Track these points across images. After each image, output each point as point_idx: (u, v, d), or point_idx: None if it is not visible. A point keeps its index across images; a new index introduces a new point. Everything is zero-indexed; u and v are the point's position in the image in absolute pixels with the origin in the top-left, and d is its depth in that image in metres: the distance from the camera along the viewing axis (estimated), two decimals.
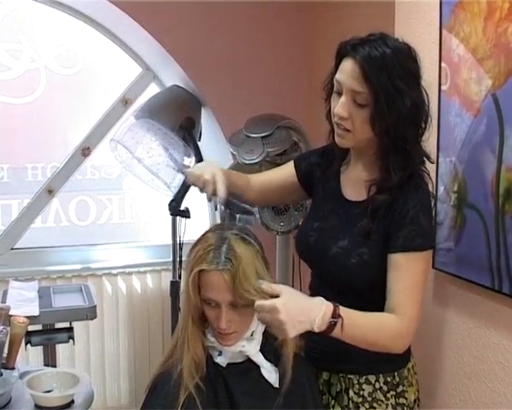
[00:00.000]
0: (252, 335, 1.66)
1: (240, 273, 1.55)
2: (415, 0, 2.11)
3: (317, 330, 1.51)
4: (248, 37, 3.15)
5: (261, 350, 1.68)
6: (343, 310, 1.55)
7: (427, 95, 1.72)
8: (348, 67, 1.66)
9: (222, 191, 1.70)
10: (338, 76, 1.69)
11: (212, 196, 1.73)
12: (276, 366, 1.68)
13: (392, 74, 1.62)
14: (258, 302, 1.50)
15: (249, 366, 1.66)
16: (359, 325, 1.59)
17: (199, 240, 1.65)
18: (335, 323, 1.53)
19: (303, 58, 3.23)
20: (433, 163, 1.83)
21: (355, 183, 1.80)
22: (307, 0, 3.16)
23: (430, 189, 1.76)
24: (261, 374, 1.66)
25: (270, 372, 1.66)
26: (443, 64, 1.97)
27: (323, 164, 1.91)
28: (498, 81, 1.75)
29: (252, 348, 1.65)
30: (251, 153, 2.59)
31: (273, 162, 2.75)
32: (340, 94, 1.68)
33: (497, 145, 1.76)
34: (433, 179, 1.87)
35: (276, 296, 1.51)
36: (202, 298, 1.61)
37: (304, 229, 1.89)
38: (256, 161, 2.59)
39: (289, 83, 3.21)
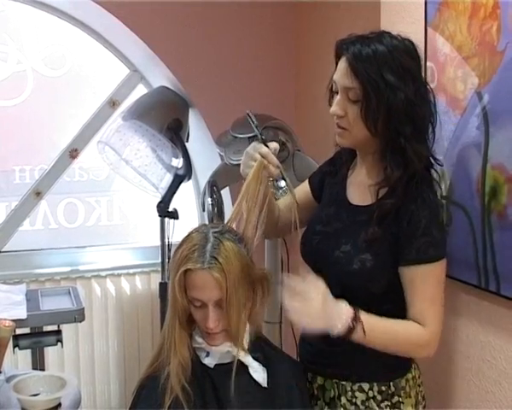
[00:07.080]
0: None
1: (226, 270, 1.54)
2: None
3: (335, 334, 1.58)
4: (235, 38, 3.14)
5: (249, 350, 1.67)
6: (364, 315, 1.60)
7: (434, 94, 1.70)
8: (341, 65, 1.66)
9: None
10: (334, 76, 1.70)
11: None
12: (264, 366, 1.67)
13: (382, 68, 1.60)
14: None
15: (237, 365, 1.64)
16: (382, 332, 1.63)
17: (183, 241, 1.64)
18: (354, 327, 1.57)
19: (289, 58, 3.23)
20: (441, 166, 1.78)
21: (359, 187, 1.78)
22: (293, 1, 3.16)
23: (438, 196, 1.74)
24: (249, 374, 1.65)
25: (258, 372, 1.65)
26: (429, 63, 1.97)
27: (333, 171, 1.90)
28: (484, 79, 1.75)
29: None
30: (238, 153, 2.59)
31: None
32: (337, 93, 1.69)
33: (482, 143, 1.76)
34: None
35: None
36: (189, 298, 1.60)
37: (307, 232, 1.86)
38: None
39: (276, 83, 3.21)
